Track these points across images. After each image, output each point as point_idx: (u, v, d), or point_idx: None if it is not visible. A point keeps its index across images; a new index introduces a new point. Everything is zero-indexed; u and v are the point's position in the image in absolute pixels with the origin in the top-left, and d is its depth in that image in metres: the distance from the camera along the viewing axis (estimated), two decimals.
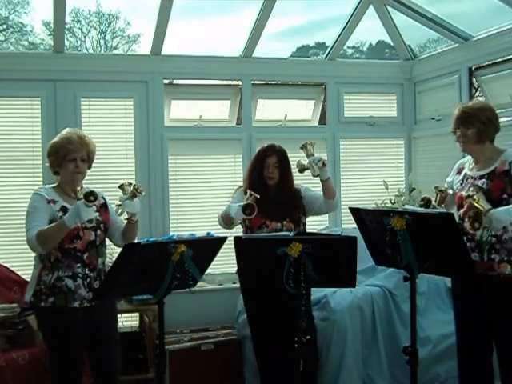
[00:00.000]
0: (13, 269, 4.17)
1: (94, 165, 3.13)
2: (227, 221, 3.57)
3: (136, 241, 3.07)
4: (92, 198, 2.72)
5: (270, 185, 3.61)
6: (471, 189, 2.98)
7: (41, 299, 2.91)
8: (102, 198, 3.14)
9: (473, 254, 2.94)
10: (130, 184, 3.03)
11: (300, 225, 3.62)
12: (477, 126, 3.01)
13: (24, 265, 4.30)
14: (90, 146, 3.07)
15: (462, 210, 3.03)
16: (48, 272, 2.92)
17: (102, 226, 3.03)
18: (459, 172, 3.21)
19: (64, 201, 2.97)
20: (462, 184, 3.11)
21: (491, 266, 2.92)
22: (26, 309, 3.82)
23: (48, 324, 2.98)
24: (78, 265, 2.93)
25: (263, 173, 3.60)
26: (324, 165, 3.42)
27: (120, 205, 3.00)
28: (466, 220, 2.84)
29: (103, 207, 3.10)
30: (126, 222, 3.06)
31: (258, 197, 3.41)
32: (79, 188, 2.83)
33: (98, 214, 2.89)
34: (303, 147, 3.47)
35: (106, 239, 3.13)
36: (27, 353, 3.54)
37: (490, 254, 2.92)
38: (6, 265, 4.16)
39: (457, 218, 3.03)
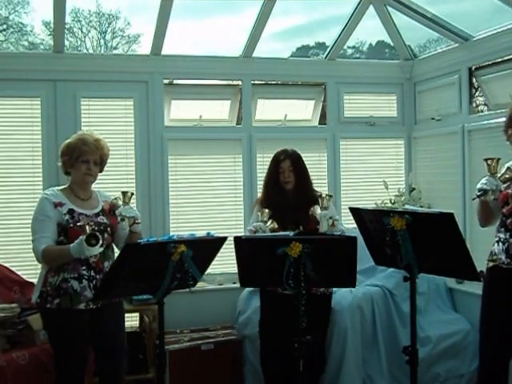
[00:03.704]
0: (13, 269, 4.16)
1: None
2: None
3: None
4: (93, 242, 2.71)
5: (288, 190, 3.56)
6: None
7: (47, 300, 2.92)
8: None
9: None
10: (125, 193, 3.06)
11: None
12: None
13: (24, 265, 4.31)
14: (104, 150, 3.09)
15: (506, 207, 3.04)
16: (54, 273, 2.93)
17: (108, 229, 3.05)
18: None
19: (71, 203, 2.99)
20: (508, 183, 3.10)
21: None
22: (26, 309, 3.83)
23: (53, 325, 2.99)
24: (84, 267, 2.93)
25: (279, 179, 3.56)
26: (333, 225, 3.30)
27: (120, 217, 3.01)
28: None
29: (111, 212, 3.11)
30: (129, 231, 3.06)
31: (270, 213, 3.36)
32: (88, 228, 2.80)
33: (102, 249, 2.85)
34: (319, 197, 3.39)
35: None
36: (27, 353, 3.54)
37: None
38: (6, 265, 4.16)
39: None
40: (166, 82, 4.85)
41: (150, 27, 4.57)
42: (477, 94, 5.07)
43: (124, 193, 3.03)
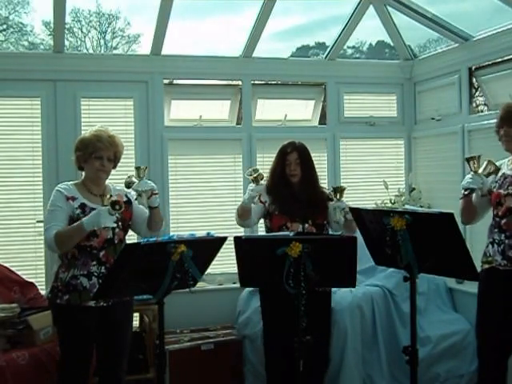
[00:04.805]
0: (13, 269, 4.17)
1: None
2: (245, 212, 3.42)
3: (136, 241, 3.08)
4: (117, 207, 2.75)
5: (294, 183, 3.52)
6: (510, 187, 3.00)
7: (57, 296, 2.94)
8: (125, 195, 3.15)
9: (511, 251, 2.98)
10: (138, 168, 3.08)
11: (323, 231, 3.50)
12: None
13: (24, 265, 4.32)
14: (119, 147, 3.10)
15: (500, 208, 3.05)
16: (65, 269, 2.95)
17: (120, 224, 3.04)
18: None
19: (84, 198, 3.00)
20: (499, 183, 3.10)
21: None
22: (26, 309, 3.84)
23: (62, 321, 3.00)
24: (94, 263, 2.94)
25: (285, 171, 3.52)
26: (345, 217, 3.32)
27: (137, 193, 3.02)
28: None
29: (125, 204, 3.10)
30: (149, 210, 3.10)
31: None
32: (108, 196, 2.84)
33: (115, 225, 2.87)
34: (333, 188, 3.41)
35: (130, 236, 3.16)
36: (27, 353, 3.54)
37: None
38: (6, 265, 4.16)
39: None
40: (166, 82, 4.85)
41: (150, 27, 4.58)
42: (477, 94, 5.07)
43: (138, 168, 3.06)
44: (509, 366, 3.16)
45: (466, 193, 2.99)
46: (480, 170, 2.98)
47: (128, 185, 3.09)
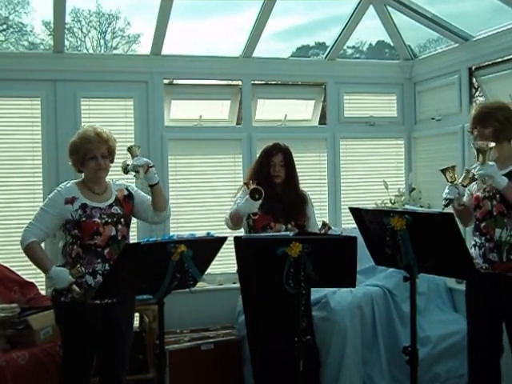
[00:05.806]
0: (13, 269, 4.17)
1: None
2: (237, 219, 3.47)
3: (136, 241, 3.08)
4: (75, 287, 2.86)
5: (277, 184, 3.59)
6: (487, 189, 2.98)
7: (61, 294, 2.94)
8: (127, 189, 3.17)
9: (491, 254, 2.96)
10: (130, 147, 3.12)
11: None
12: (494, 125, 3.00)
13: (24, 265, 4.28)
14: (110, 142, 3.09)
15: (478, 211, 3.03)
16: (70, 268, 2.94)
17: (122, 220, 3.05)
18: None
19: (85, 197, 3.01)
20: (478, 186, 3.10)
21: (511, 267, 2.91)
22: (26, 309, 3.84)
23: (66, 319, 3.00)
24: (99, 260, 2.94)
25: (269, 172, 3.58)
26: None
27: (134, 171, 3.05)
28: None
29: (126, 199, 3.12)
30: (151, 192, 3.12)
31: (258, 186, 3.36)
32: (78, 267, 2.90)
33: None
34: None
35: (129, 233, 3.15)
36: (27, 353, 3.54)
37: (509, 255, 2.91)
38: (6, 265, 4.16)
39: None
40: (166, 82, 4.85)
41: (150, 27, 4.58)
42: (477, 94, 5.08)
43: (129, 148, 3.09)
44: (503, 366, 3.15)
45: (445, 203, 2.99)
46: (459, 180, 2.98)
47: (125, 168, 3.10)
